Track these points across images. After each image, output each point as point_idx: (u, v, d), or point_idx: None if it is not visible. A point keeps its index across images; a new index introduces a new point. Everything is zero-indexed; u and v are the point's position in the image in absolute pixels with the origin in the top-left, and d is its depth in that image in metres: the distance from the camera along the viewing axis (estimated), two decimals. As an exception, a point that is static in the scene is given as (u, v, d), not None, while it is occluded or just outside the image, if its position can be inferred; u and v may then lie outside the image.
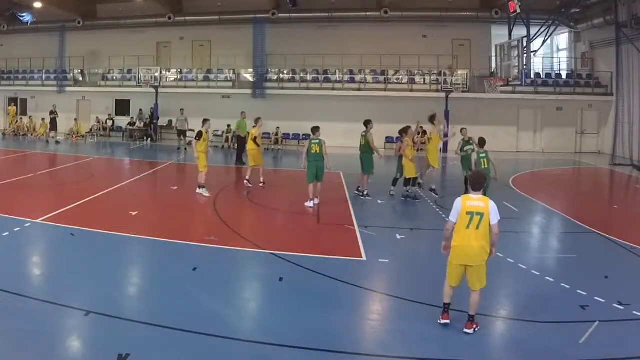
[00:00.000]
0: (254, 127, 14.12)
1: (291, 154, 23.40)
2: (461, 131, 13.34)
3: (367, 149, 12.58)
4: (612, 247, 8.84)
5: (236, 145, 19.51)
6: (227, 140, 24.49)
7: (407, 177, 12.29)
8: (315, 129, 11.62)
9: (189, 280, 6.81)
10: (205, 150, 12.52)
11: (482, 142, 10.85)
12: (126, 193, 12.97)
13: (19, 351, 4.77)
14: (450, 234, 5.48)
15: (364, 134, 12.71)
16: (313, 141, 11.48)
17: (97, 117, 27.59)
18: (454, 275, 5.47)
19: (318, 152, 11.36)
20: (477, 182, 5.44)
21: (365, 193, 12.43)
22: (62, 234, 8.71)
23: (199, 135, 12.50)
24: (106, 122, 27.57)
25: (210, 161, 12.92)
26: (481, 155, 10.71)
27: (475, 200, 5.33)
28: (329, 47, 25.24)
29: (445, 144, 24.01)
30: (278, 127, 24.65)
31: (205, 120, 13.01)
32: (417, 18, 25.23)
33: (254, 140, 13.90)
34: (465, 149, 12.73)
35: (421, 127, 16.59)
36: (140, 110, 27.24)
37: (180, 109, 23.44)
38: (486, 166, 10.52)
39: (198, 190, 12.42)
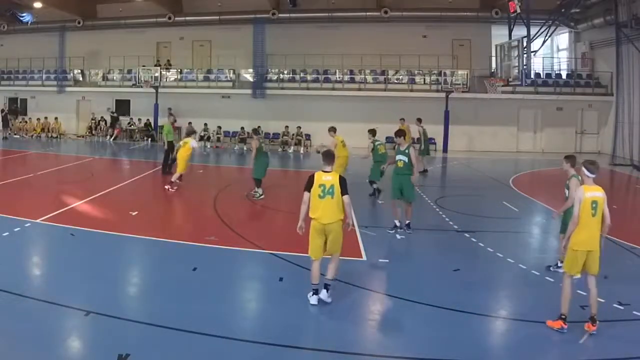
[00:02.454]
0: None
1: (289, 154, 23.41)
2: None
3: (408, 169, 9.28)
4: (612, 247, 8.82)
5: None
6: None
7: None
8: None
9: (189, 280, 6.81)
10: (187, 158, 13.07)
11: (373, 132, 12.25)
12: (126, 193, 12.98)
13: (19, 351, 4.77)
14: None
15: (378, 143, 12.12)
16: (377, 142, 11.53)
17: (101, 117, 27.60)
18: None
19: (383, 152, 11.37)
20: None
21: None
22: (62, 234, 8.70)
23: (185, 144, 13.11)
24: (100, 122, 27.52)
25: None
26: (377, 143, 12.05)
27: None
28: (329, 47, 25.23)
29: (445, 144, 24.12)
30: (299, 127, 24.38)
31: (191, 133, 13.85)
32: (417, 18, 25.25)
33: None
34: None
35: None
36: (109, 109, 27.31)
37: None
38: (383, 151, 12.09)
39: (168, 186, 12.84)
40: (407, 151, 9.19)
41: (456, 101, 23.88)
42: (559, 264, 7.11)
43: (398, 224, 9.35)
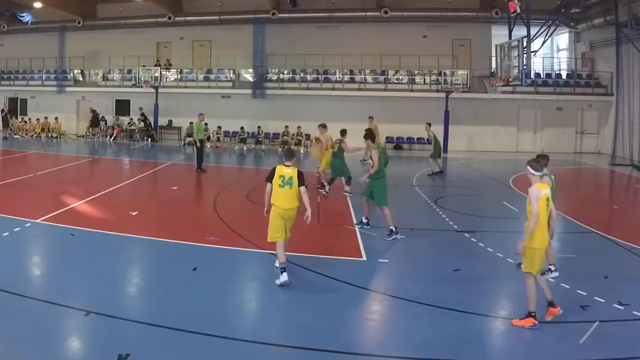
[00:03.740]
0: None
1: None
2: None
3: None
4: (612, 247, 8.84)
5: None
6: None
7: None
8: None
9: (189, 280, 6.81)
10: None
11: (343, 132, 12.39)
12: (126, 193, 12.98)
13: (19, 351, 4.77)
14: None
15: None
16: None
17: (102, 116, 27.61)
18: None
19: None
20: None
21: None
22: (62, 234, 8.70)
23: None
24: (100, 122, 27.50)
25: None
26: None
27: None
28: (329, 47, 25.22)
29: (445, 144, 24.10)
30: (299, 127, 24.33)
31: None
32: (417, 18, 25.26)
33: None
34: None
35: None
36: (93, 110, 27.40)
37: (139, 108, 23.38)
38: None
39: None
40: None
41: (456, 101, 23.87)
42: (552, 269, 7.10)
43: (364, 220, 9.57)
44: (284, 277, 6.52)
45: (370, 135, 9.45)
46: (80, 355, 4.90)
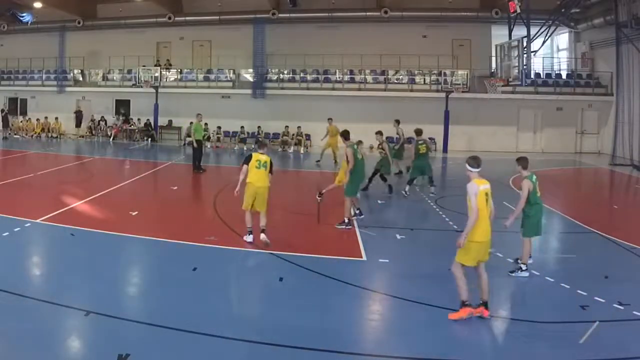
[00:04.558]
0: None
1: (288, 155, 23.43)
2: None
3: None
4: (612, 247, 8.84)
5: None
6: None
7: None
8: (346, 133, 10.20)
9: (189, 280, 6.81)
10: None
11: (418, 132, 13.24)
12: (126, 193, 12.98)
13: (19, 351, 4.77)
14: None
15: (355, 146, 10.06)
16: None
17: (101, 116, 27.63)
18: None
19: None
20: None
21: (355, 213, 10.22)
22: (62, 234, 8.70)
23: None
24: (99, 122, 27.51)
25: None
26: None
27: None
28: (329, 47, 25.22)
29: (445, 144, 24.12)
30: (299, 127, 24.29)
31: None
32: (417, 18, 25.25)
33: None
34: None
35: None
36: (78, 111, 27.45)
37: (121, 109, 23.72)
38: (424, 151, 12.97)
39: None
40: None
41: (456, 101, 23.87)
42: (523, 268, 7.20)
43: (356, 211, 10.12)
44: (249, 238, 8.40)
45: (344, 133, 10.01)
46: (80, 355, 4.90)
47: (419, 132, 13.64)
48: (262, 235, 8.27)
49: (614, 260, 8.17)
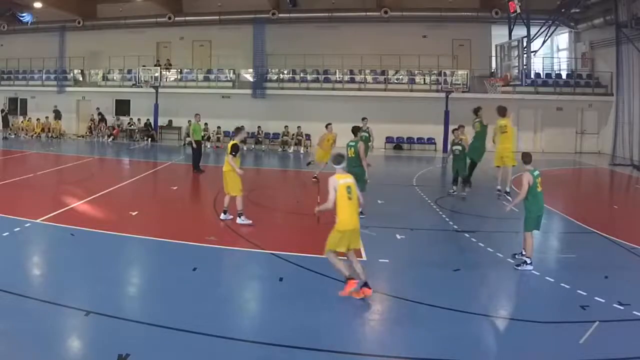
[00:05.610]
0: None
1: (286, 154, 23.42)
2: (453, 131, 12.99)
3: (357, 162, 10.11)
4: (612, 247, 8.83)
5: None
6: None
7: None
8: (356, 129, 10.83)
9: (189, 280, 6.81)
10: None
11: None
12: (126, 193, 12.98)
13: (19, 351, 4.77)
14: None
15: (352, 143, 10.31)
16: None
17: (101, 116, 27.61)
18: None
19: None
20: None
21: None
22: (62, 234, 8.70)
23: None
24: (99, 123, 27.46)
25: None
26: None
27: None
28: (329, 47, 25.24)
29: (445, 144, 24.09)
30: (299, 127, 24.29)
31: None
32: (417, 18, 25.25)
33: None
34: (453, 148, 12.62)
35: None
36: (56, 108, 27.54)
37: (97, 108, 24.48)
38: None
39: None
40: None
41: (456, 101, 23.86)
42: (528, 262, 7.32)
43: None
44: (225, 216, 9.68)
45: (354, 129, 10.69)
46: (80, 355, 4.89)
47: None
48: (240, 219, 9.45)
49: (614, 260, 8.16)
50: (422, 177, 16.32)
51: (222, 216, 9.81)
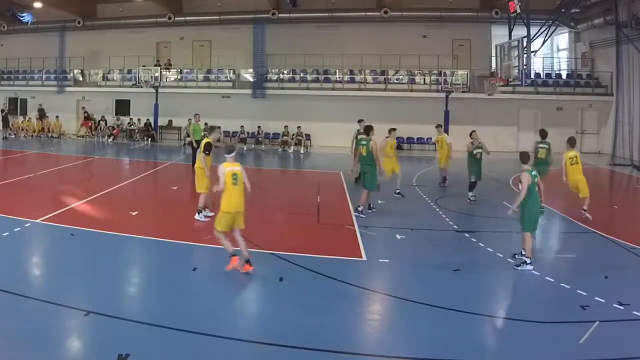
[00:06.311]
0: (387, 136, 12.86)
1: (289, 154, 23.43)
2: (471, 134, 12.75)
3: (371, 160, 10.39)
4: (612, 247, 8.84)
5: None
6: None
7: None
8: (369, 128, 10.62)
9: (189, 280, 6.81)
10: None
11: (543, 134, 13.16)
12: (126, 193, 12.97)
13: (19, 351, 4.77)
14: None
15: (364, 142, 10.47)
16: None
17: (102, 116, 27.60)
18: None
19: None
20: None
21: (360, 209, 10.55)
22: (62, 234, 8.70)
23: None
24: (99, 123, 27.47)
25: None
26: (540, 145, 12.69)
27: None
28: (329, 47, 25.24)
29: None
30: (299, 127, 24.20)
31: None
32: (417, 18, 25.26)
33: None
34: (474, 152, 12.41)
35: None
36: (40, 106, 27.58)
37: (82, 107, 24.92)
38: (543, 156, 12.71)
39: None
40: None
41: (456, 101, 23.88)
42: (528, 261, 7.32)
43: (359, 208, 10.52)
44: (200, 216, 9.99)
45: (367, 129, 10.65)
46: (80, 355, 4.90)
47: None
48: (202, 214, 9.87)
49: (614, 260, 8.16)
50: (422, 177, 16.31)
51: (208, 213, 10.04)
